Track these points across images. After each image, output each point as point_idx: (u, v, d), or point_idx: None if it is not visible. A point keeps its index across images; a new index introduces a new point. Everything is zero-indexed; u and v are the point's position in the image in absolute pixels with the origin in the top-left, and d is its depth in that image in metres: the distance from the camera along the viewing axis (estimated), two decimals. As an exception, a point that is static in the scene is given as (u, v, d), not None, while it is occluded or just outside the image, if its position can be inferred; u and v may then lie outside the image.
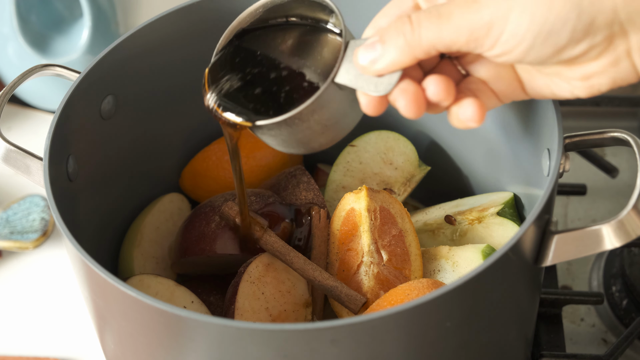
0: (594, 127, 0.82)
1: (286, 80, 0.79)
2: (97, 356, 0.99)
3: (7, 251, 1.08)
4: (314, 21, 0.80)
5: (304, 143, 0.78)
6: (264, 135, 0.78)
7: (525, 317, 0.84)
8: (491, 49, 0.69)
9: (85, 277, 0.76)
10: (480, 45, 0.69)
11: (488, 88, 0.74)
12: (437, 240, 0.91)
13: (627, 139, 0.78)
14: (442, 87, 0.71)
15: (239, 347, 0.70)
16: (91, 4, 1.15)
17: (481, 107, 0.72)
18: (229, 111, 0.79)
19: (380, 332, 0.69)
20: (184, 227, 0.91)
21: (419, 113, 0.72)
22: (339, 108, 0.76)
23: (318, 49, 0.79)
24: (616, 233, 0.73)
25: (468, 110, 0.72)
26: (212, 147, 0.99)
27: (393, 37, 0.70)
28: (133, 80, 0.90)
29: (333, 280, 0.84)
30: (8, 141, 0.83)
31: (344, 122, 0.78)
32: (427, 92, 0.71)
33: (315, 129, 0.76)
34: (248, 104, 0.79)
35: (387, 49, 0.71)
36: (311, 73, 0.78)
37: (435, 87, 0.71)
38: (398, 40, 0.70)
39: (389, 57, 0.71)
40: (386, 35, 0.71)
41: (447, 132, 0.96)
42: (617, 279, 1.02)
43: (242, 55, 0.81)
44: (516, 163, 0.89)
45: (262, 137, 0.79)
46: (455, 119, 0.73)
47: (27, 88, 1.19)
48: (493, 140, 0.91)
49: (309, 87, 0.77)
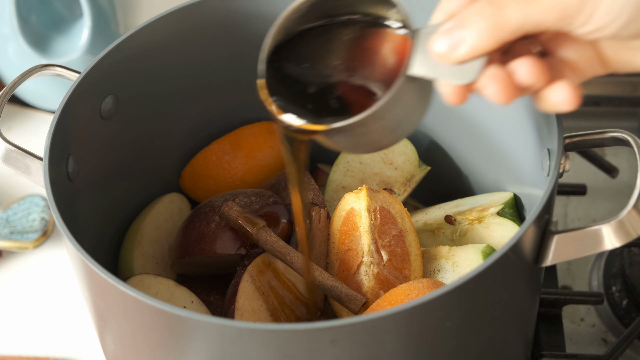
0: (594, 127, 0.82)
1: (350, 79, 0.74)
2: (97, 356, 0.99)
3: (7, 251, 1.08)
4: (369, 17, 0.75)
5: (374, 142, 0.74)
6: (333, 139, 0.73)
7: (525, 317, 0.84)
8: (583, 25, 0.64)
9: (85, 277, 0.76)
10: (572, 22, 0.64)
11: (567, 65, 0.70)
12: (437, 240, 0.91)
13: (627, 139, 0.78)
14: (534, 70, 0.66)
15: (239, 347, 0.70)
16: (91, 4, 1.15)
17: (575, 90, 0.67)
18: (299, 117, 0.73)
19: (380, 332, 0.69)
20: (184, 227, 0.91)
21: (512, 98, 0.67)
22: (412, 102, 0.72)
23: (379, 44, 0.74)
24: (616, 233, 0.73)
25: (561, 93, 0.67)
26: (212, 147, 0.99)
27: (475, 20, 0.65)
28: (133, 80, 0.90)
29: (333, 280, 0.84)
30: (8, 141, 0.83)
31: (415, 116, 0.73)
32: (517, 76, 0.66)
33: (388, 126, 0.72)
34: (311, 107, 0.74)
35: (468, 34, 0.65)
36: (377, 70, 0.73)
37: (527, 69, 0.66)
38: (480, 24, 0.65)
39: (472, 42, 0.65)
40: (466, 19, 0.66)
41: (447, 132, 0.96)
42: (617, 279, 1.02)
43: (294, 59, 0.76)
44: (516, 163, 0.89)
45: (331, 141, 0.73)
46: (545, 103, 0.68)
47: (27, 88, 1.19)
48: (493, 140, 0.91)
49: (379, 85, 0.72)
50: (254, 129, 0.99)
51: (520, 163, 0.88)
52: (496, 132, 0.90)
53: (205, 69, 0.95)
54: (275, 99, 0.74)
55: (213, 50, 0.94)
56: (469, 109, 0.92)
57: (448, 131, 0.96)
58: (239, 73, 0.97)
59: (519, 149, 0.87)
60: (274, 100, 0.74)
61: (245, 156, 0.98)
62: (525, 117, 0.85)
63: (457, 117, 0.94)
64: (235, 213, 0.87)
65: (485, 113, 0.90)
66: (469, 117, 0.92)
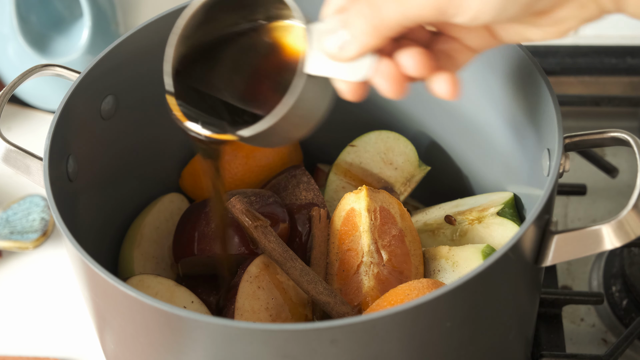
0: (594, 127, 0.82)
1: (252, 83, 0.77)
2: (97, 356, 0.99)
3: (7, 251, 1.08)
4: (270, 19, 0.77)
5: (285, 137, 0.77)
6: (246, 142, 0.76)
7: (525, 317, 0.84)
8: (458, 15, 0.66)
9: (85, 277, 0.76)
10: (447, 14, 0.66)
11: (460, 44, 0.72)
12: (437, 240, 0.91)
13: (627, 139, 0.78)
14: (419, 62, 0.69)
15: (239, 347, 0.70)
16: (91, 4, 1.15)
17: (454, 84, 0.69)
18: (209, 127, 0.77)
19: (380, 332, 0.69)
20: (183, 226, 0.91)
21: (402, 93, 0.70)
22: (315, 96, 0.74)
23: (276, 44, 0.77)
24: (616, 233, 0.73)
25: (442, 86, 0.70)
26: (212, 147, 0.99)
27: (356, 21, 0.68)
28: (133, 80, 0.90)
29: (326, 295, 0.84)
30: (8, 141, 0.83)
31: (321, 107, 0.76)
32: (404, 68, 0.69)
33: (296, 122, 0.74)
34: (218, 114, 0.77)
35: (352, 34, 0.68)
36: (277, 70, 0.76)
37: (412, 62, 0.69)
38: (362, 24, 0.68)
39: (357, 42, 0.68)
40: (348, 20, 0.68)
41: (447, 132, 0.96)
42: (617, 279, 1.02)
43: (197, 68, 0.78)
44: (516, 163, 0.89)
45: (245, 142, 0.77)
46: (432, 90, 0.71)
47: (27, 88, 1.19)
48: (493, 141, 0.91)
49: (280, 85, 0.74)
50: (254, 129, 0.99)
51: (520, 163, 0.88)
52: (496, 132, 0.90)
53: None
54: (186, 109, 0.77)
55: (213, 50, 0.94)
56: (470, 108, 0.92)
57: (448, 131, 0.96)
58: (239, 73, 0.97)
59: (519, 149, 0.87)
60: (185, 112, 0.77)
61: (245, 156, 0.98)
62: (525, 117, 0.85)
63: (457, 118, 0.94)
64: (237, 211, 0.87)
65: (485, 113, 0.90)
66: (469, 117, 0.92)
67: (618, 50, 1.24)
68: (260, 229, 0.86)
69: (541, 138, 0.82)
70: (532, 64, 0.82)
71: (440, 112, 0.95)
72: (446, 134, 0.97)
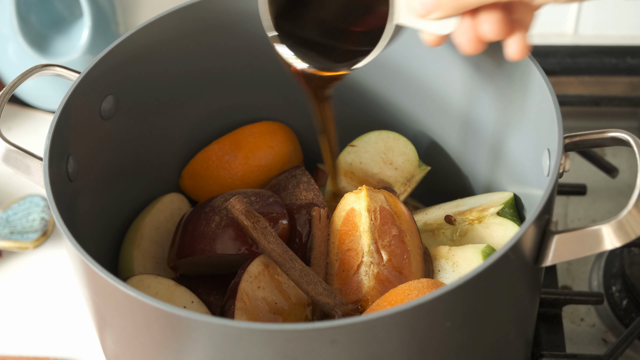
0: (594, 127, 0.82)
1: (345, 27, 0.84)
2: (97, 356, 0.99)
3: (7, 251, 1.08)
4: None
5: None
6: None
7: (525, 317, 0.84)
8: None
9: (85, 277, 0.76)
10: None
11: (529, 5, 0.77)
12: (437, 240, 0.91)
13: (627, 139, 0.78)
14: (496, 27, 0.74)
15: (239, 347, 0.70)
16: (91, 4, 1.15)
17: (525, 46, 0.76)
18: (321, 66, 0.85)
19: (380, 332, 0.69)
20: (184, 227, 0.91)
21: (479, 51, 0.77)
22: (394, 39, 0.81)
23: None
24: (616, 233, 0.73)
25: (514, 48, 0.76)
26: (212, 147, 0.99)
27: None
28: (133, 80, 0.90)
29: (326, 296, 0.84)
30: (8, 141, 0.83)
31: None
32: (483, 32, 0.75)
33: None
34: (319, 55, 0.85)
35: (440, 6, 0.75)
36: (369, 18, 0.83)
37: (490, 26, 0.75)
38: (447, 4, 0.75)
39: (442, 10, 0.75)
40: None
41: (447, 132, 0.96)
42: (617, 279, 1.02)
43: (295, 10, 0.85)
44: (516, 163, 0.89)
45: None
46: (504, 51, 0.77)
47: (27, 88, 1.19)
48: (493, 140, 0.91)
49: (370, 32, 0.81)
50: (254, 129, 0.99)
51: (520, 163, 0.88)
52: (496, 132, 0.90)
53: (205, 68, 0.95)
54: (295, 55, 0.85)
55: (213, 50, 0.94)
56: (470, 109, 0.92)
57: (448, 131, 0.96)
58: (239, 73, 0.97)
59: (519, 149, 0.87)
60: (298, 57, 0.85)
61: (245, 156, 0.98)
62: (525, 117, 0.85)
63: (457, 118, 0.94)
64: (237, 211, 0.87)
65: (485, 113, 0.90)
66: (469, 117, 0.92)
67: (618, 50, 1.24)
68: (260, 229, 0.86)
69: (541, 138, 0.82)
70: (532, 64, 0.82)
71: (440, 112, 0.95)
72: (446, 134, 0.97)
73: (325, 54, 0.85)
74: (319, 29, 0.86)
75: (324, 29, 0.86)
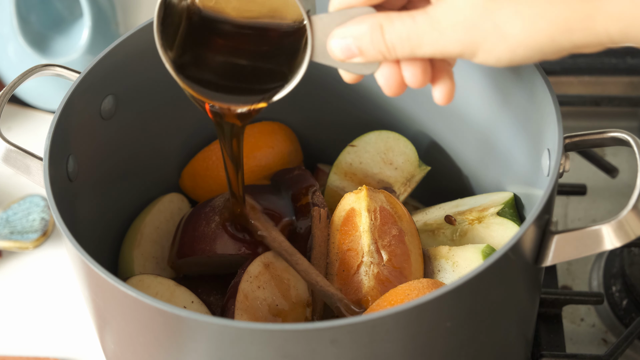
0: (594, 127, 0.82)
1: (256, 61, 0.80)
2: (97, 356, 0.99)
3: (7, 251, 1.08)
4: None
5: None
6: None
7: (525, 317, 0.84)
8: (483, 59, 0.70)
9: (85, 277, 0.76)
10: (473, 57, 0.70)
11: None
12: (437, 240, 0.91)
13: (627, 139, 0.78)
14: (419, 75, 0.73)
15: (239, 347, 0.70)
16: (91, 4, 1.15)
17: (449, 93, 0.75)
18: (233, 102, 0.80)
19: (380, 332, 0.69)
20: (184, 227, 0.91)
21: (399, 94, 0.75)
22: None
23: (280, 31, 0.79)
24: (616, 233, 0.73)
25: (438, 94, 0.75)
26: (212, 147, 0.99)
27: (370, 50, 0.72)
28: (133, 80, 0.90)
29: (335, 288, 0.84)
30: (8, 141, 0.83)
31: None
32: (404, 77, 0.74)
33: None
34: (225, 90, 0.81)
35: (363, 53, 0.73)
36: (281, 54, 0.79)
37: (412, 74, 0.73)
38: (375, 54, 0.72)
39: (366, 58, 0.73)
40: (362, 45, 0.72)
41: (447, 132, 0.96)
42: (617, 279, 1.02)
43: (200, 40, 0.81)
44: (516, 163, 0.89)
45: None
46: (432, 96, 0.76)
47: (27, 88, 1.19)
48: (493, 141, 0.91)
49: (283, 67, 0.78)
50: (254, 129, 0.99)
51: (520, 163, 0.88)
52: (496, 132, 0.90)
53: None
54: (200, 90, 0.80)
55: (213, 50, 0.94)
56: (470, 109, 0.92)
57: (448, 131, 0.96)
58: (239, 73, 0.97)
59: (519, 149, 0.87)
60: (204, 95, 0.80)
61: (245, 156, 0.97)
62: (525, 117, 0.85)
63: (457, 117, 0.94)
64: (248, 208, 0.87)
65: (485, 113, 0.90)
66: (469, 117, 0.92)
67: (618, 50, 1.24)
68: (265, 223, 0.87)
69: (541, 138, 0.82)
70: (532, 64, 0.82)
71: (440, 112, 0.95)
72: (446, 134, 0.97)
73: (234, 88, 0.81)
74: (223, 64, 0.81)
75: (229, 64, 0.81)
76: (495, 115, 0.89)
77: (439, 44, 0.70)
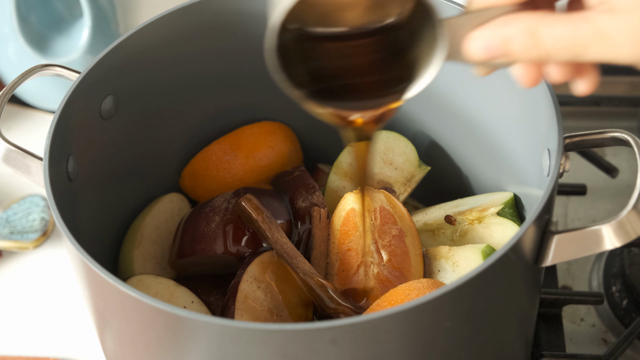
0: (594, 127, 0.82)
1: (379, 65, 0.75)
2: (97, 356, 0.99)
3: (7, 251, 1.08)
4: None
5: None
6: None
7: (525, 317, 0.84)
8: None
9: (85, 277, 0.76)
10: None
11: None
12: (437, 240, 0.91)
13: (627, 139, 0.78)
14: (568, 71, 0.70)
15: (239, 347, 0.70)
16: (91, 4, 1.15)
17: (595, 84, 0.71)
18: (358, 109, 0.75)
19: (380, 332, 0.69)
20: (184, 227, 0.91)
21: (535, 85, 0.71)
22: None
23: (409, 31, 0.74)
24: (616, 233, 0.73)
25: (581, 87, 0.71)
26: (212, 147, 0.99)
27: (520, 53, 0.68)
28: (133, 80, 0.90)
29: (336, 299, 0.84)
30: (8, 141, 0.83)
31: None
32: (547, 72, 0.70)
33: None
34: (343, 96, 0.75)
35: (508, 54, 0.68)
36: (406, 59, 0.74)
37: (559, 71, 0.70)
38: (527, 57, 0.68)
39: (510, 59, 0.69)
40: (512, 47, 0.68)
41: (447, 132, 0.96)
42: (617, 279, 1.02)
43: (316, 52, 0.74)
44: (516, 163, 0.89)
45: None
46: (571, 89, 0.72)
47: (27, 88, 1.19)
48: (493, 141, 0.91)
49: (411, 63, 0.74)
50: (254, 129, 0.99)
51: (520, 163, 0.88)
52: (496, 132, 0.90)
53: (205, 68, 0.95)
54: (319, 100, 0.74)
55: (213, 50, 0.94)
56: (470, 109, 0.92)
57: (448, 131, 0.96)
58: (239, 73, 0.97)
59: (519, 149, 0.87)
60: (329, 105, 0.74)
61: (245, 156, 0.98)
62: (525, 117, 0.85)
63: (457, 117, 0.94)
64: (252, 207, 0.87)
65: (485, 113, 0.90)
66: (469, 117, 0.92)
67: (618, 50, 1.23)
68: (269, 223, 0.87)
69: (541, 138, 0.82)
70: (532, 64, 0.82)
71: (440, 112, 0.95)
72: (446, 134, 0.97)
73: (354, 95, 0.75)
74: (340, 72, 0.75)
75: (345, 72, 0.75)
76: (495, 115, 0.89)
77: (607, 55, 0.66)
